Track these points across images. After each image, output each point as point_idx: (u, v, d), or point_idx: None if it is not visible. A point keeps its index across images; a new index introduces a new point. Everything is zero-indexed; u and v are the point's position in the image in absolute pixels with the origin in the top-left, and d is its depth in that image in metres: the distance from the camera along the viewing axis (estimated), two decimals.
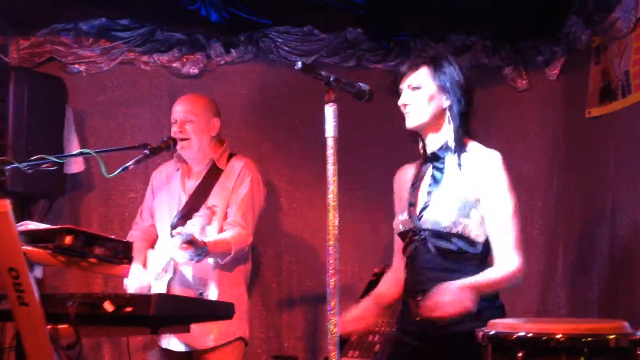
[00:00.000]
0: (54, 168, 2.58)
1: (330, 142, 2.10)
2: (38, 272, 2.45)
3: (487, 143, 4.05)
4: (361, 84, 2.32)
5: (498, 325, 2.03)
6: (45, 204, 3.94)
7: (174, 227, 3.13)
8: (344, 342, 3.49)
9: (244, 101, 4.18)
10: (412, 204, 2.48)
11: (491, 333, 1.99)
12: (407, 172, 2.64)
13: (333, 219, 2.07)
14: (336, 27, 4.11)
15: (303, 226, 4.15)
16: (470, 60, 4.14)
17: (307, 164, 4.14)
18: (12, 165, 2.20)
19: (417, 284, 2.43)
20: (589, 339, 1.87)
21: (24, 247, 2.12)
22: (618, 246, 3.51)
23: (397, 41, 4.12)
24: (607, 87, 3.65)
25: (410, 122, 2.46)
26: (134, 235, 3.39)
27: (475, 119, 4.07)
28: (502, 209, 2.37)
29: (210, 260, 3.15)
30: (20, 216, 3.44)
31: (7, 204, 2.06)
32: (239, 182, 3.28)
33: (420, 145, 2.56)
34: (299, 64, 2.10)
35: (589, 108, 3.80)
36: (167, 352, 3.23)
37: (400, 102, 2.48)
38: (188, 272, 3.17)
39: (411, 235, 2.46)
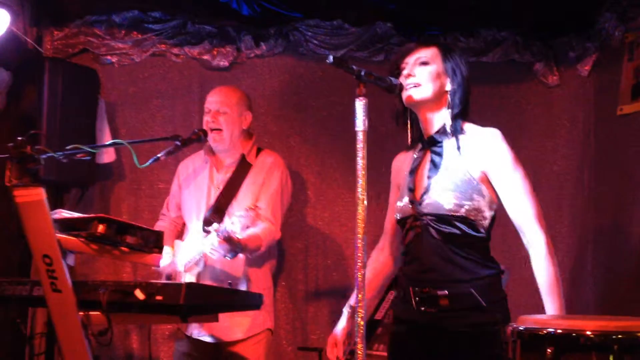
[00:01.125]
0: (87, 158, 2.61)
1: (360, 136, 2.10)
2: (70, 259, 2.48)
3: (517, 139, 4.08)
4: (392, 78, 2.32)
5: (527, 320, 2.02)
6: (77, 192, 4.01)
7: (206, 220, 3.16)
8: (370, 336, 3.50)
9: (273, 94, 4.20)
10: (411, 190, 2.43)
11: (521, 328, 1.98)
12: (404, 159, 2.59)
13: (362, 212, 2.07)
14: (366, 21, 4.10)
15: (330, 219, 4.17)
16: (501, 56, 4.12)
17: (335, 157, 4.15)
18: (48, 155, 2.23)
19: (421, 272, 2.39)
20: (620, 336, 1.85)
21: (57, 235, 2.16)
22: None
23: (426, 36, 4.10)
24: None
25: (412, 96, 2.40)
26: (161, 226, 3.44)
27: (505, 114, 4.12)
28: (514, 184, 2.33)
29: (241, 255, 3.18)
30: (53, 204, 3.50)
31: (42, 192, 2.10)
32: (269, 177, 3.30)
33: (409, 129, 2.52)
34: (331, 58, 2.10)
35: (621, 105, 3.76)
36: (196, 342, 3.27)
37: (405, 72, 2.43)
38: (218, 265, 3.20)
39: (412, 222, 2.41)
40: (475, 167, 2.35)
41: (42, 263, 2.11)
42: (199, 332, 3.24)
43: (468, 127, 2.43)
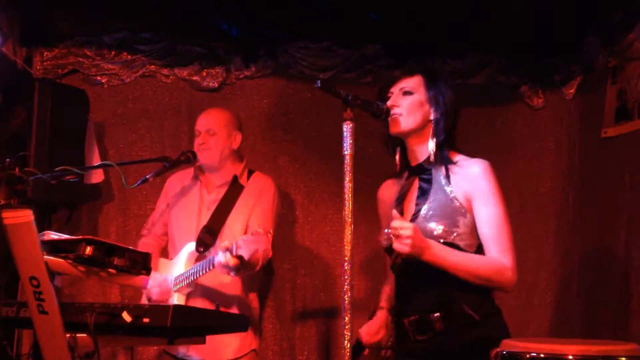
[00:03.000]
0: (76, 179, 2.63)
1: (347, 160, 2.13)
2: (57, 281, 2.48)
3: (503, 160, 4.12)
4: (379, 103, 2.36)
5: (510, 344, 2.05)
6: (65, 213, 4.00)
7: (199, 241, 3.17)
8: (357, 357, 3.51)
9: (262, 115, 4.22)
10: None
11: (504, 352, 2.00)
12: (391, 187, 2.62)
13: (348, 235, 2.10)
14: (355, 43, 4.15)
15: (318, 240, 4.18)
16: (488, 78, 4.17)
17: (324, 178, 4.18)
18: (36, 176, 2.24)
19: (411, 300, 2.40)
20: None
21: (45, 257, 2.16)
22: (633, 268, 3.50)
23: (414, 58, 4.15)
24: (624, 107, 3.66)
25: (395, 126, 2.43)
26: (145, 244, 3.43)
27: (490, 137, 4.16)
28: (491, 213, 2.34)
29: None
30: (41, 225, 3.50)
31: (30, 214, 2.10)
32: (260, 199, 3.32)
33: (398, 157, 2.53)
34: (319, 83, 2.13)
35: (605, 128, 3.80)
36: None
37: (389, 103, 2.44)
38: (207, 284, 3.21)
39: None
40: (462, 195, 2.37)
41: (29, 285, 2.11)
42: (186, 353, 3.24)
43: (458, 157, 2.45)
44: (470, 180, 2.38)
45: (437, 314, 2.32)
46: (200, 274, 3.10)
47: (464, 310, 2.31)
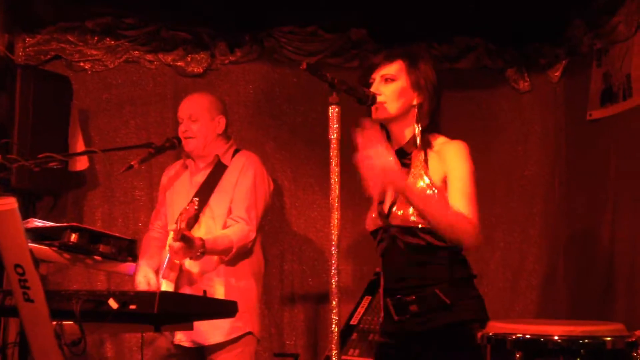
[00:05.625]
0: (60, 166, 2.61)
1: (333, 144, 2.12)
2: (42, 269, 2.47)
3: (489, 144, 4.13)
4: (365, 89, 2.34)
5: (496, 326, 2.06)
6: (49, 200, 3.97)
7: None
8: (345, 341, 3.52)
9: (247, 100, 4.20)
10: (381, 202, 2.45)
11: (490, 334, 2.02)
12: None
13: (335, 220, 2.09)
14: (340, 28, 4.13)
15: (306, 225, 4.18)
16: (474, 62, 4.17)
17: (311, 164, 4.17)
18: (20, 163, 2.22)
19: (393, 281, 2.42)
20: (586, 340, 1.90)
21: (30, 245, 2.14)
22: (618, 249, 3.53)
23: (400, 42, 4.13)
24: (609, 90, 3.68)
25: (379, 113, 2.40)
26: (151, 237, 3.38)
27: (477, 120, 4.17)
28: (459, 176, 2.33)
29: (216, 257, 3.16)
30: (25, 213, 3.47)
31: (13, 202, 2.08)
32: (242, 177, 3.27)
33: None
34: (305, 65, 2.11)
35: (590, 111, 3.82)
36: (178, 348, 3.24)
37: (371, 91, 2.40)
38: (195, 269, 3.19)
39: (382, 233, 2.44)
40: (438, 177, 2.37)
41: (14, 273, 2.10)
42: (179, 337, 3.21)
43: (437, 140, 2.44)
44: (445, 161, 2.38)
45: (412, 297, 2.35)
46: (166, 259, 3.09)
47: (436, 294, 2.33)
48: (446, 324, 2.31)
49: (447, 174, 2.37)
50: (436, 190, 2.35)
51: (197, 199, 3.00)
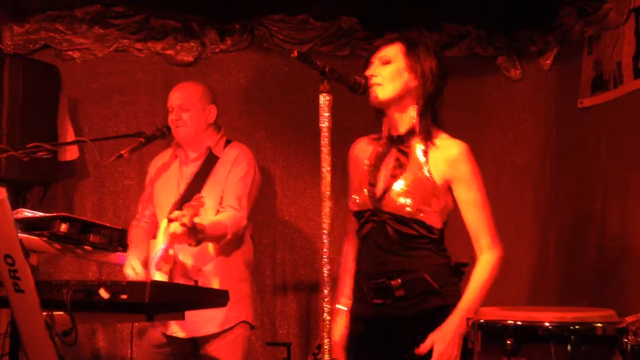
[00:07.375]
0: (49, 156, 2.59)
1: (323, 132, 2.11)
2: (32, 259, 2.46)
3: (480, 131, 4.14)
4: (356, 77, 2.33)
5: (487, 313, 2.06)
6: (39, 191, 3.95)
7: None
8: None
9: (238, 89, 4.18)
10: (372, 184, 2.43)
11: (481, 321, 2.02)
12: (364, 148, 2.56)
13: (326, 209, 2.09)
14: (331, 16, 4.11)
15: (297, 214, 4.18)
16: (465, 50, 4.17)
17: (302, 152, 4.16)
18: (9, 153, 2.21)
19: (375, 265, 2.41)
20: (577, 327, 1.90)
21: (20, 235, 2.13)
22: (608, 235, 3.55)
23: (391, 30, 4.12)
24: (599, 78, 3.68)
25: (374, 96, 2.39)
26: (137, 226, 3.37)
27: (468, 108, 4.17)
28: (477, 200, 2.39)
29: (211, 248, 3.15)
30: (15, 203, 3.45)
31: (3, 192, 2.07)
32: (234, 168, 3.27)
33: (384, 126, 2.49)
34: (295, 52, 2.11)
35: (581, 98, 3.83)
36: (172, 339, 3.24)
37: (369, 72, 2.41)
38: (188, 261, 3.18)
39: (369, 216, 2.42)
40: (438, 175, 2.38)
41: (4, 263, 2.09)
42: (172, 329, 3.21)
43: (439, 135, 2.43)
44: (450, 164, 2.38)
45: (398, 280, 2.35)
46: (162, 248, 3.08)
47: (424, 279, 2.35)
48: (436, 307, 2.34)
49: (456, 183, 2.39)
50: (434, 184, 2.37)
51: (202, 195, 2.99)
